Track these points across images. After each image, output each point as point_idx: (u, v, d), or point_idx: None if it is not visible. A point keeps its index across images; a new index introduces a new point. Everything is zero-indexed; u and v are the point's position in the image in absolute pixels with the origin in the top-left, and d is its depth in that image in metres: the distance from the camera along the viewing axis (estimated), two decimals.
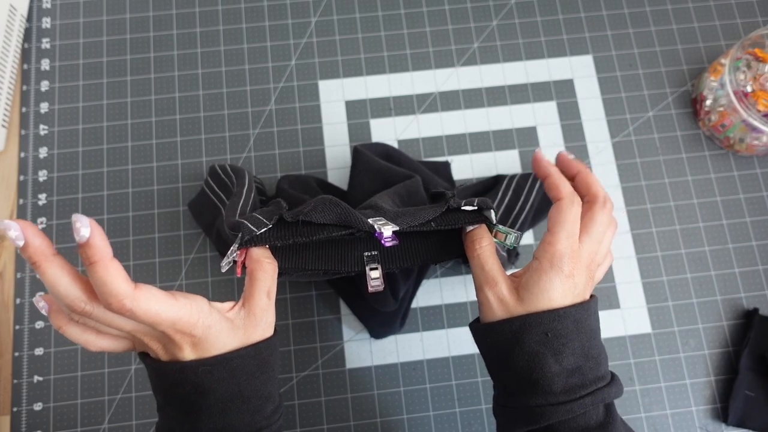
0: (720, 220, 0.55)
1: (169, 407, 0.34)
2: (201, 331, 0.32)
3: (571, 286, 0.35)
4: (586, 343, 0.35)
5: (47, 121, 0.57)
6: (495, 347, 0.36)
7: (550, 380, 0.34)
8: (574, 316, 0.35)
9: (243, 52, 0.59)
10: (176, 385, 0.33)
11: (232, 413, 0.33)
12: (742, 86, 0.52)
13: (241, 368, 0.33)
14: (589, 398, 0.33)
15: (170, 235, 0.54)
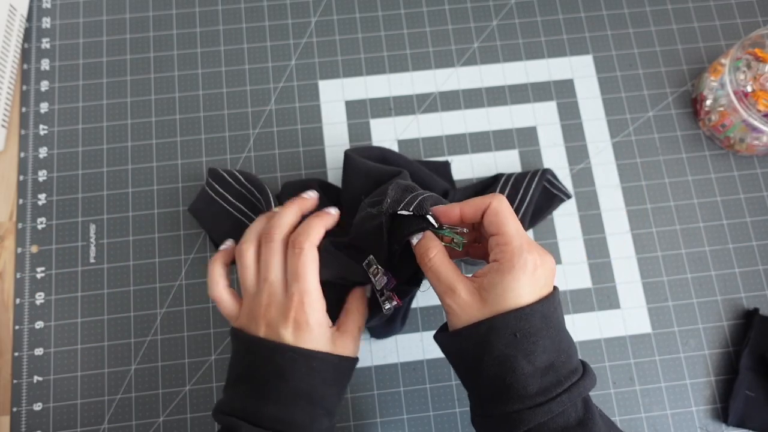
0: (720, 220, 0.55)
1: (242, 384, 0.36)
2: (314, 320, 0.36)
3: (535, 281, 0.34)
4: (555, 338, 0.34)
5: (47, 121, 0.57)
6: (464, 355, 0.36)
7: (524, 382, 0.33)
8: (541, 312, 0.34)
9: (243, 52, 0.59)
10: (260, 362, 0.36)
11: (297, 409, 0.35)
12: (742, 86, 0.52)
13: (320, 371, 0.36)
14: (566, 395, 0.33)
15: (170, 235, 0.54)
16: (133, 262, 0.53)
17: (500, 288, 0.34)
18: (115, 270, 0.53)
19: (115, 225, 0.54)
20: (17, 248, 0.53)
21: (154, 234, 0.54)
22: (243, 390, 0.36)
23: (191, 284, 0.53)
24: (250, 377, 0.36)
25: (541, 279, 0.35)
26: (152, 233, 0.54)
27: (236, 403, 0.36)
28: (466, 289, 0.35)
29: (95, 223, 0.54)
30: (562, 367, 0.34)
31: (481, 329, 0.34)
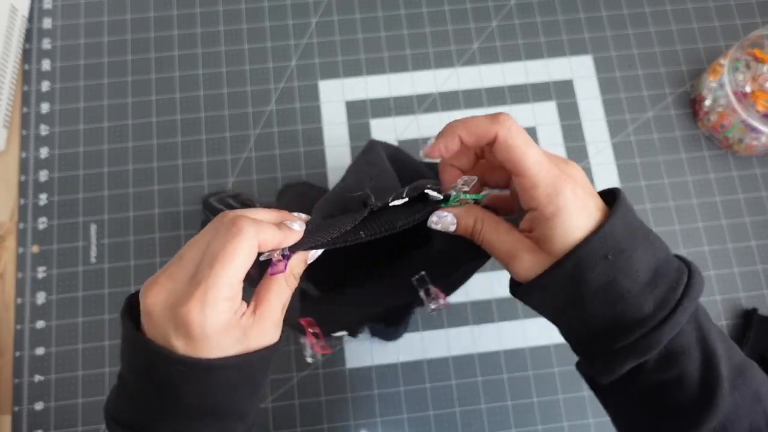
0: (719, 220, 0.55)
1: (134, 383, 0.29)
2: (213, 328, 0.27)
3: (588, 201, 0.29)
4: (647, 240, 0.29)
5: (48, 121, 0.57)
6: (554, 300, 0.31)
7: (637, 305, 0.28)
8: (622, 223, 0.29)
9: (244, 52, 0.59)
10: (148, 368, 0.27)
11: (199, 423, 0.28)
12: (741, 87, 0.52)
13: (225, 380, 0.28)
14: (687, 300, 0.28)
15: (170, 235, 0.54)
16: (133, 262, 0.53)
17: (558, 236, 0.29)
18: (116, 270, 0.53)
19: (115, 225, 0.54)
20: (18, 248, 0.53)
21: (154, 234, 0.54)
22: (136, 396, 0.29)
23: None
24: (144, 382, 0.28)
25: (590, 194, 0.30)
26: (152, 233, 0.54)
27: (131, 414, 0.29)
28: (528, 250, 0.30)
29: (96, 224, 0.54)
30: (667, 268, 0.29)
31: (567, 268, 0.29)
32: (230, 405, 0.29)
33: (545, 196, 0.29)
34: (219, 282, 0.26)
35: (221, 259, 0.26)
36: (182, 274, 0.27)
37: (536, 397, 0.51)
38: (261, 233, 0.28)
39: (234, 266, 0.27)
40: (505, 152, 0.29)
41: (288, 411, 0.50)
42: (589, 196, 0.30)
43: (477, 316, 0.52)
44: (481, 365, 0.51)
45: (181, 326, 0.26)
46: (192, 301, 0.26)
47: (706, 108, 0.55)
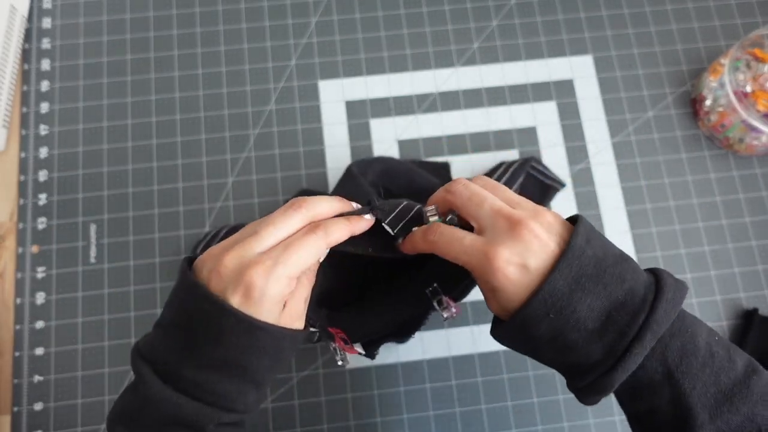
0: (719, 220, 0.55)
1: (173, 330, 0.31)
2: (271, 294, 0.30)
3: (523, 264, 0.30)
4: (598, 285, 0.29)
5: (48, 121, 0.57)
6: (518, 346, 0.33)
7: (586, 354, 0.29)
8: (563, 278, 0.29)
9: (243, 52, 0.59)
10: (199, 315, 0.31)
11: (225, 378, 0.31)
12: (742, 86, 0.52)
13: (262, 344, 0.31)
14: (637, 345, 0.28)
15: (170, 235, 0.54)
16: (133, 262, 0.53)
17: (504, 304, 0.31)
18: (116, 270, 0.53)
19: (115, 225, 0.54)
20: (18, 248, 0.53)
21: (154, 234, 0.54)
22: (172, 337, 0.31)
23: None
24: (185, 327, 0.31)
25: (528, 252, 0.30)
26: (152, 233, 0.54)
27: (159, 351, 0.31)
28: (486, 296, 0.33)
29: (96, 223, 0.54)
30: (622, 312, 0.28)
31: (515, 326, 0.30)
32: (255, 367, 0.31)
33: (480, 279, 0.31)
34: (288, 262, 0.31)
35: (296, 247, 0.31)
36: (256, 246, 0.31)
37: (536, 397, 0.51)
38: (332, 236, 0.33)
39: (303, 258, 0.31)
40: (440, 255, 0.33)
41: (288, 411, 0.50)
42: (537, 253, 0.30)
43: (477, 316, 0.52)
44: (481, 365, 0.51)
45: (244, 285, 0.30)
46: (261, 268, 0.30)
47: (706, 108, 0.55)
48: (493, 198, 0.33)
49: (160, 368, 0.31)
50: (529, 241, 0.30)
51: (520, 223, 0.30)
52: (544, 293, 0.29)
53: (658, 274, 0.31)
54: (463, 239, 0.32)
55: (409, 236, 0.36)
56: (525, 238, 0.30)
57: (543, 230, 0.30)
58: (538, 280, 0.29)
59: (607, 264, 0.30)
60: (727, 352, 0.30)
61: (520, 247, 0.30)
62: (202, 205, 0.55)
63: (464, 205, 0.33)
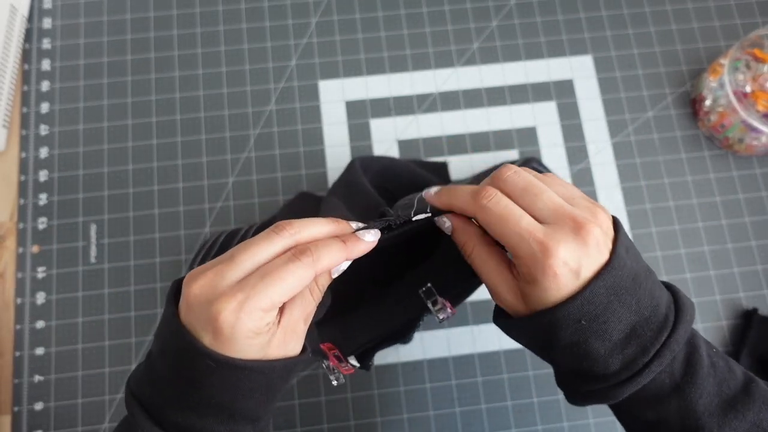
0: (719, 220, 0.55)
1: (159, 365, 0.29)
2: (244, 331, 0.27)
3: (576, 269, 0.28)
4: (632, 299, 0.28)
5: (48, 121, 0.57)
6: (529, 341, 0.32)
7: (603, 364, 0.28)
8: (605, 286, 0.28)
9: (243, 52, 0.59)
10: (176, 354, 0.28)
11: (210, 420, 0.29)
12: (742, 86, 0.52)
13: (246, 382, 0.28)
14: (656, 362, 0.28)
15: (170, 235, 0.54)
16: (133, 262, 0.53)
17: (534, 297, 0.29)
18: (116, 270, 0.53)
19: (115, 225, 0.54)
20: (18, 248, 0.53)
21: (154, 234, 0.54)
22: (157, 374, 0.29)
23: None
24: (167, 364, 0.29)
25: (586, 259, 0.28)
26: (152, 233, 0.54)
27: (146, 389, 0.30)
28: (509, 290, 0.31)
29: (96, 223, 0.54)
30: (646, 327, 0.28)
31: (542, 321, 0.29)
32: (245, 406, 0.29)
33: (526, 267, 0.29)
34: (263, 295, 0.27)
35: (273, 278, 0.28)
36: (230, 274, 0.28)
37: (536, 397, 0.51)
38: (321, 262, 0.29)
39: (282, 288, 0.28)
40: (487, 229, 0.30)
41: (288, 411, 0.50)
42: (588, 257, 0.28)
43: (477, 316, 0.52)
44: (481, 365, 0.51)
45: (213, 322, 0.27)
46: (231, 302, 0.27)
47: (706, 108, 0.55)
48: (551, 192, 0.30)
49: (147, 407, 0.29)
50: (591, 246, 0.28)
51: (585, 227, 0.29)
52: (583, 299, 0.28)
53: (675, 292, 0.31)
54: (522, 218, 0.29)
55: (451, 189, 0.32)
56: (588, 244, 0.28)
57: (601, 236, 0.29)
58: (581, 285, 0.28)
59: (641, 278, 0.29)
60: (726, 363, 0.31)
61: (581, 252, 0.28)
62: (203, 205, 0.55)
63: (519, 194, 0.30)
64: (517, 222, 0.29)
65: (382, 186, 0.52)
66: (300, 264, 0.28)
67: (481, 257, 0.32)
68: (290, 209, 0.53)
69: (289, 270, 0.28)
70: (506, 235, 0.29)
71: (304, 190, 0.55)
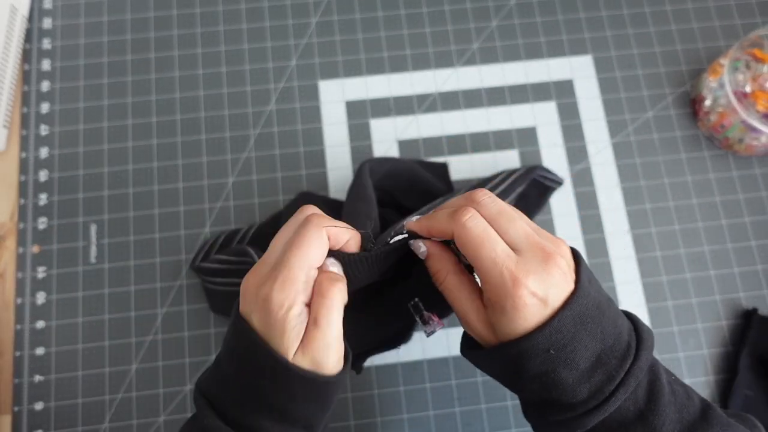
0: (719, 220, 0.55)
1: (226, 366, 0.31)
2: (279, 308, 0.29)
3: (542, 300, 0.29)
4: (597, 329, 0.29)
5: (48, 121, 0.57)
6: (497, 372, 0.32)
7: (571, 392, 0.29)
8: (572, 316, 0.29)
9: (243, 52, 0.59)
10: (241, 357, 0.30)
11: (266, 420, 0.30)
12: (741, 87, 0.52)
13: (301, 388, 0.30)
14: (621, 390, 0.29)
15: (170, 235, 0.54)
16: (134, 262, 0.53)
17: (503, 327, 0.30)
18: (116, 270, 0.53)
19: (115, 225, 0.54)
20: (18, 248, 0.53)
21: (154, 234, 0.54)
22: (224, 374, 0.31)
23: (191, 284, 0.53)
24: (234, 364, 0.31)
25: (554, 285, 0.29)
26: (152, 233, 0.54)
27: (212, 387, 0.32)
28: (479, 319, 0.32)
29: (96, 223, 0.54)
30: (611, 355, 0.29)
31: (511, 352, 0.30)
32: (297, 411, 0.31)
33: (494, 295, 0.30)
34: (293, 265, 0.30)
35: (294, 246, 0.30)
36: (269, 258, 0.31)
37: None
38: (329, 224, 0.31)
39: (305, 251, 0.30)
40: (462, 249, 0.31)
41: None
42: (555, 288, 0.29)
43: None
44: None
45: (260, 302, 0.30)
46: (270, 281, 0.30)
47: (706, 108, 0.55)
48: (522, 220, 0.31)
49: (215, 404, 0.31)
50: (557, 276, 0.29)
51: (552, 256, 0.29)
52: (551, 329, 0.29)
53: (634, 320, 0.32)
54: (497, 244, 0.30)
55: (430, 215, 0.33)
56: (554, 273, 0.29)
57: (566, 266, 0.30)
58: (549, 315, 0.29)
59: (604, 307, 0.30)
60: (685, 390, 0.31)
61: (548, 282, 0.29)
62: (203, 205, 0.55)
63: (493, 218, 0.31)
64: (492, 247, 0.30)
65: (384, 188, 0.52)
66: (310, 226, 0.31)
67: (454, 285, 0.33)
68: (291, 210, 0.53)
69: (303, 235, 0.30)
70: (480, 258, 0.30)
71: (304, 190, 0.55)
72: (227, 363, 0.31)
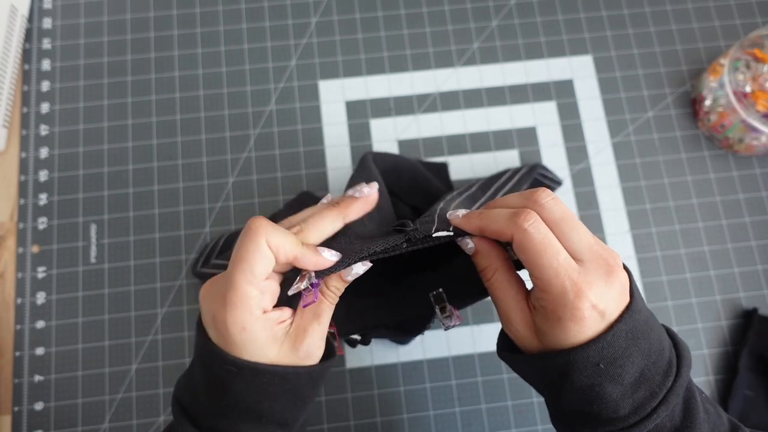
0: (719, 220, 0.55)
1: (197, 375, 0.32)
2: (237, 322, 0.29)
3: (603, 312, 0.28)
4: (645, 345, 0.29)
5: (48, 121, 0.57)
6: (537, 379, 0.32)
7: (614, 407, 0.28)
8: (625, 331, 0.28)
9: (243, 52, 0.59)
10: (203, 361, 0.31)
11: (239, 423, 0.30)
12: (742, 86, 0.52)
13: (269, 386, 0.30)
14: (663, 407, 0.28)
15: (170, 235, 0.54)
16: (133, 262, 0.53)
17: (553, 335, 0.29)
18: (116, 270, 0.53)
19: (115, 225, 0.54)
20: (18, 248, 0.53)
21: (154, 234, 0.54)
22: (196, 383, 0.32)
23: (191, 284, 0.53)
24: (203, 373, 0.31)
25: (612, 302, 0.28)
26: (152, 233, 0.54)
27: (186, 395, 0.32)
28: (523, 322, 0.31)
29: (96, 224, 0.54)
30: (654, 371, 0.29)
31: (558, 361, 0.29)
32: (271, 411, 0.30)
33: (552, 304, 0.28)
34: (238, 282, 0.29)
35: (237, 261, 0.29)
36: (225, 274, 0.30)
37: (536, 397, 0.51)
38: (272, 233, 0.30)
39: (248, 265, 0.29)
40: (521, 253, 0.29)
41: None
42: (612, 303, 0.28)
43: (477, 316, 0.52)
44: (481, 365, 0.51)
45: (212, 321, 0.30)
46: (219, 301, 0.29)
47: (706, 108, 0.55)
48: (584, 228, 0.30)
49: (190, 412, 0.31)
50: (617, 290, 0.28)
51: (614, 269, 0.28)
52: (605, 342, 0.28)
53: (672, 334, 0.31)
54: (560, 253, 0.28)
55: (483, 213, 0.32)
56: (615, 286, 0.28)
57: (626, 281, 0.29)
58: (604, 329, 0.28)
59: (652, 322, 0.30)
60: (716, 409, 0.31)
61: (609, 295, 0.28)
62: (203, 205, 0.55)
63: (555, 223, 0.29)
64: (555, 255, 0.28)
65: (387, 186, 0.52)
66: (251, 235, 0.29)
67: (501, 284, 0.32)
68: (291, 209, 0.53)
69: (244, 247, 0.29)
70: (541, 266, 0.28)
71: (304, 190, 0.55)
72: (198, 370, 0.32)
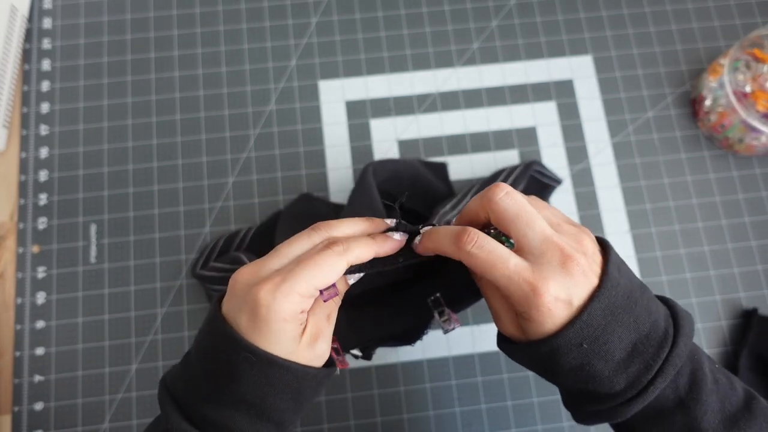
0: (719, 220, 0.55)
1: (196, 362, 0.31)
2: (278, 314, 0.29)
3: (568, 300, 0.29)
4: (630, 317, 0.29)
5: (48, 121, 0.57)
6: (532, 365, 0.32)
7: (609, 384, 0.29)
8: (601, 308, 0.28)
9: (243, 52, 0.59)
10: (216, 348, 0.30)
11: (239, 416, 0.30)
12: (741, 86, 0.52)
13: (279, 381, 0.30)
14: (660, 378, 0.28)
15: (170, 235, 0.54)
16: (133, 262, 0.53)
17: (532, 330, 0.29)
18: (116, 270, 0.53)
19: (115, 225, 0.54)
20: (18, 248, 0.53)
21: (154, 234, 0.54)
22: (194, 373, 0.31)
23: (191, 284, 0.53)
24: (207, 360, 0.31)
25: (575, 288, 0.29)
26: (152, 233, 0.54)
27: (180, 385, 0.31)
28: (510, 320, 0.32)
29: (96, 224, 0.54)
30: (647, 344, 0.29)
31: (542, 350, 0.29)
32: (274, 408, 0.30)
33: (519, 306, 0.29)
34: (299, 278, 0.29)
35: (308, 263, 0.30)
36: (272, 264, 0.31)
37: (536, 397, 0.51)
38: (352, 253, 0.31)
39: (316, 273, 0.30)
40: (473, 270, 0.31)
41: None
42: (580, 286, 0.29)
43: (477, 316, 0.52)
44: (481, 365, 0.51)
45: (251, 302, 0.29)
46: (268, 284, 0.29)
47: (706, 108, 0.55)
48: (542, 219, 0.30)
49: (181, 401, 0.31)
50: (578, 276, 0.29)
51: (571, 258, 0.29)
52: (581, 323, 0.28)
53: (672, 305, 0.31)
54: (508, 261, 0.29)
55: (430, 235, 0.33)
56: (574, 274, 0.29)
57: (588, 263, 0.29)
58: (577, 312, 0.29)
59: (636, 295, 0.30)
60: (728, 379, 0.31)
61: (569, 283, 0.29)
62: (203, 205, 0.55)
63: (511, 221, 0.30)
64: (504, 265, 0.29)
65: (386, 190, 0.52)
66: (331, 252, 0.30)
67: (485, 285, 0.33)
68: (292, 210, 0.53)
69: (321, 257, 0.30)
70: (495, 279, 0.29)
71: (304, 192, 0.55)
72: (198, 360, 0.31)
